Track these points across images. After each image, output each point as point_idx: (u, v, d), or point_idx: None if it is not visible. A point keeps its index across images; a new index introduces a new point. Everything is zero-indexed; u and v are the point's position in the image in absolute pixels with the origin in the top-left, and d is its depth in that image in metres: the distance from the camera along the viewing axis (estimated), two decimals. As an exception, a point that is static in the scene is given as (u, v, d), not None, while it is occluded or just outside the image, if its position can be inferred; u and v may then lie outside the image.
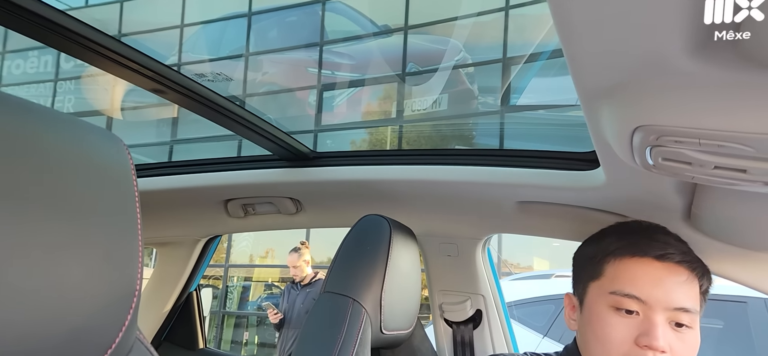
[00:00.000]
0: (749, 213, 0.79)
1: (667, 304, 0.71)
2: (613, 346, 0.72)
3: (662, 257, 0.73)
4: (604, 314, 0.74)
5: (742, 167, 0.56)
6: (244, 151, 1.66)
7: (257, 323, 8.02)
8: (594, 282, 0.77)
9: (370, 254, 0.94)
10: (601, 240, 0.81)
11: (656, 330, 0.69)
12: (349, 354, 0.83)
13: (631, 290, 0.72)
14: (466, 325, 1.33)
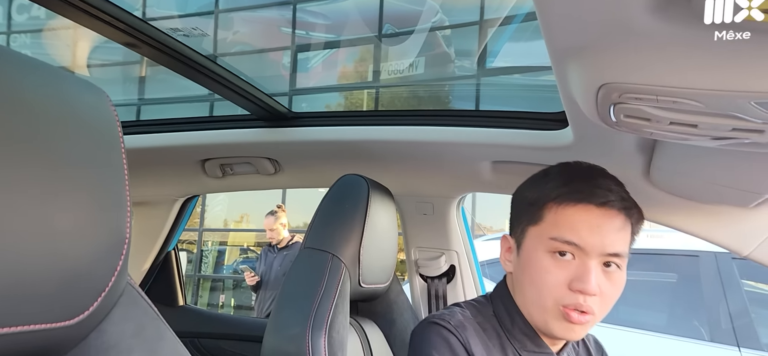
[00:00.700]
0: (701, 169, 0.85)
1: (603, 250, 0.71)
2: (546, 290, 0.72)
3: (603, 204, 0.72)
4: (542, 258, 0.73)
5: (693, 123, 0.60)
6: (217, 111, 1.65)
7: (233, 286, 8.05)
8: (533, 227, 0.76)
9: (349, 212, 0.97)
10: (544, 184, 0.78)
11: (590, 275, 0.70)
12: (329, 306, 0.87)
13: (570, 237, 0.71)
14: (440, 280, 1.39)
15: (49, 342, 0.38)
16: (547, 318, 0.73)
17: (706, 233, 1.00)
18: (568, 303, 0.71)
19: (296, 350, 0.82)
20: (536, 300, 0.74)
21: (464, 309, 0.80)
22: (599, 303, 0.71)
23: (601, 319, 0.74)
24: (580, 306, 0.70)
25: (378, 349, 1.05)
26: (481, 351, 0.74)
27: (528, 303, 0.76)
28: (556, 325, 0.73)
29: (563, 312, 0.71)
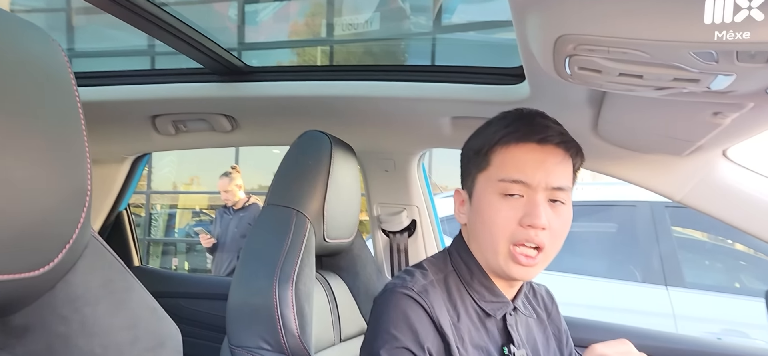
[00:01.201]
0: (643, 121, 0.91)
1: (547, 184, 0.74)
2: (499, 229, 0.75)
3: (543, 140, 0.75)
4: (492, 201, 0.76)
5: (639, 73, 0.65)
6: (160, 65, 1.54)
7: (186, 249, 7.87)
8: (482, 173, 0.79)
9: (312, 168, 0.98)
10: (487, 131, 0.80)
11: (538, 209, 0.73)
12: (296, 260, 0.88)
13: (517, 175, 0.74)
14: (402, 234, 1.43)
15: (13, 292, 0.37)
16: (500, 259, 0.76)
17: (645, 181, 1.08)
18: (520, 239, 0.74)
19: (263, 302, 0.84)
20: (490, 241, 0.77)
21: (425, 270, 0.81)
22: (549, 238, 0.75)
23: (551, 259, 0.78)
24: (531, 240, 0.73)
25: (343, 301, 1.08)
26: (444, 312, 0.76)
27: (483, 247, 0.79)
28: (509, 268, 0.76)
29: (514, 254, 0.74)
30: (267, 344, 0.83)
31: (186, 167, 8.30)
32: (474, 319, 0.79)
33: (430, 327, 0.74)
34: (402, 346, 0.71)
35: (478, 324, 0.79)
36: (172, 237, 8.14)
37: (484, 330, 0.79)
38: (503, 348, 0.79)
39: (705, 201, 1.01)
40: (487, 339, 0.79)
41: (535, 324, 0.88)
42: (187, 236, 7.77)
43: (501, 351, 0.79)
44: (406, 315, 0.74)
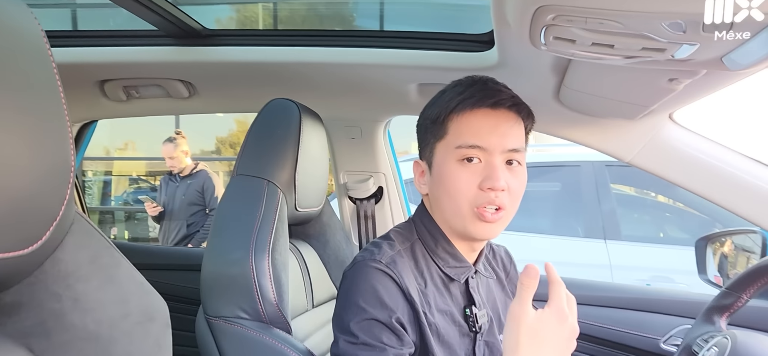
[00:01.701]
0: (602, 88, 0.96)
1: (503, 147, 0.76)
2: (460, 195, 0.76)
3: (495, 104, 0.77)
4: (452, 169, 0.77)
5: (611, 43, 0.68)
6: (83, 25, 1.41)
7: (125, 218, 7.50)
8: (440, 142, 0.80)
9: (282, 138, 0.96)
10: (442, 100, 0.82)
11: (496, 172, 0.75)
12: (270, 230, 0.87)
13: (473, 140, 0.76)
14: (369, 201, 1.44)
15: (2, 270, 0.37)
16: (465, 222, 0.78)
17: (599, 144, 1.15)
18: (481, 202, 0.76)
19: (240, 272, 0.83)
20: (453, 207, 0.79)
21: (392, 240, 0.83)
22: (508, 198, 0.77)
23: (511, 218, 0.81)
24: (492, 203, 0.76)
25: (314, 269, 1.08)
26: (412, 280, 0.78)
27: (446, 214, 0.81)
28: (474, 227, 0.78)
29: (478, 212, 0.76)
30: (245, 313, 0.83)
31: (119, 131, 7.80)
32: (439, 285, 0.82)
33: (400, 296, 0.76)
34: (371, 318, 0.73)
35: (442, 288, 0.82)
36: (109, 206, 7.70)
37: (448, 294, 0.83)
38: (465, 309, 0.83)
39: (652, 162, 1.10)
40: (451, 302, 0.82)
41: (495, 284, 0.93)
42: (126, 204, 7.40)
43: (464, 312, 0.83)
44: (375, 287, 0.75)
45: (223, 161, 8.14)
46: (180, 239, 3.34)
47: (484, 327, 0.83)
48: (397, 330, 0.73)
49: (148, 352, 0.52)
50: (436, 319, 0.79)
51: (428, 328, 0.77)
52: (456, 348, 0.80)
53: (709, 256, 1.32)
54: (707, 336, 0.87)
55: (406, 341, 0.74)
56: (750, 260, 1.23)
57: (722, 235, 1.34)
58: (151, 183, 7.56)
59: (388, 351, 0.71)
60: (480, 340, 0.83)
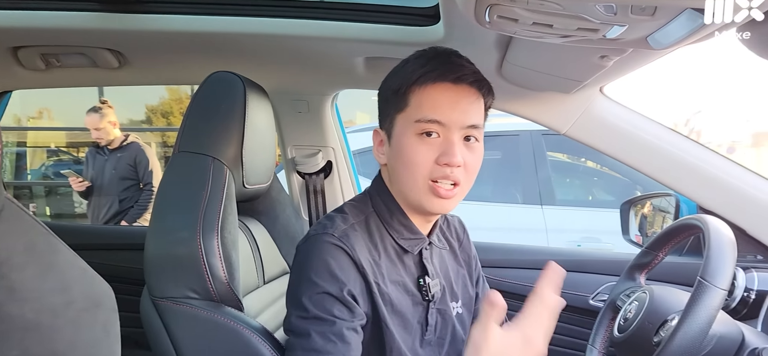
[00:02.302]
0: (542, 64, 1.01)
1: (462, 123, 0.77)
2: (418, 169, 0.77)
3: (458, 79, 0.77)
4: (411, 141, 0.77)
5: (550, 23, 0.72)
6: None
7: (46, 193, 6.95)
8: (400, 114, 0.80)
9: (226, 113, 0.92)
10: (404, 71, 0.81)
11: (454, 148, 0.76)
12: (218, 208, 0.85)
13: (433, 115, 0.76)
14: (318, 175, 1.43)
15: None
16: (421, 195, 0.79)
17: (538, 116, 1.21)
18: (437, 176, 0.77)
19: (187, 252, 0.81)
20: (410, 179, 0.80)
21: (345, 214, 0.83)
22: (464, 174, 0.79)
23: (466, 193, 0.83)
24: (448, 178, 0.77)
25: (264, 245, 1.07)
26: (365, 252, 0.79)
27: (403, 186, 0.82)
28: (429, 201, 0.79)
29: (433, 187, 0.78)
30: (194, 293, 0.82)
31: (32, 98, 7.12)
32: (392, 256, 0.84)
33: (352, 269, 0.77)
34: (323, 291, 0.74)
35: (396, 260, 0.84)
36: (25, 180, 7.09)
37: (402, 265, 0.85)
38: (419, 279, 0.85)
39: (585, 133, 1.17)
40: (404, 273, 0.84)
41: (448, 254, 0.95)
42: (45, 178, 6.86)
43: (417, 282, 0.85)
44: (327, 260, 0.75)
45: (155, 131, 7.70)
46: (112, 216, 3.16)
47: (436, 295, 0.86)
48: (348, 303, 0.75)
49: (95, 339, 0.51)
50: (389, 289, 0.81)
51: (381, 299, 0.79)
52: (409, 317, 0.83)
53: (632, 218, 1.45)
54: (629, 292, 0.96)
55: (357, 313, 0.76)
56: (665, 219, 1.36)
57: (643, 198, 1.47)
58: (74, 156, 7.04)
59: (339, 324, 0.73)
60: (433, 308, 0.86)
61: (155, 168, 3.23)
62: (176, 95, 7.75)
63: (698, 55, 24.43)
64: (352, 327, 0.74)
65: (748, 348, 0.76)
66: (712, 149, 1.16)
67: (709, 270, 0.72)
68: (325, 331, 0.72)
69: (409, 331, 0.83)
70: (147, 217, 3.19)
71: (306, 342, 0.72)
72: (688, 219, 0.89)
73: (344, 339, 0.73)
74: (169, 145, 7.54)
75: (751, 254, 1.13)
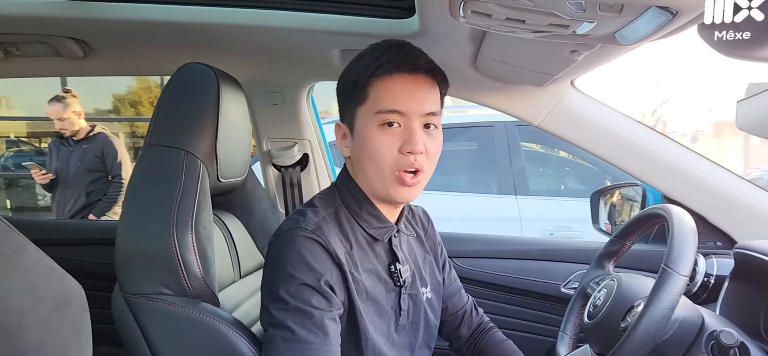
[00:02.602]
0: (515, 58, 1.03)
1: (421, 112, 0.80)
2: (382, 158, 0.79)
3: (413, 70, 0.80)
4: (373, 133, 0.80)
5: (522, 19, 0.73)
6: None
7: (6, 185, 6.68)
8: (361, 107, 0.81)
9: (199, 105, 0.91)
10: (361, 64, 0.83)
11: (415, 136, 0.79)
12: (192, 203, 0.84)
13: (393, 105, 0.78)
14: (294, 168, 1.41)
15: None
16: (387, 185, 0.81)
17: (512, 109, 1.23)
18: (402, 165, 0.80)
19: (161, 248, 0.79)
20: (375, 171, 0.82)
21: (316, 207, 0.84)
22: (426, 161, 0.82)
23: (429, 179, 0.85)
24: (411, 166, 0.80)
25: (240, 239, 1.06)
26: (338, 243, 0.81)
27: (369, 177, 0.83)
28: (395, 191, 0.82)
29: (399, 177, 0.80)
30: (168, 289, 0.80)
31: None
32: (364, 245, 0.86)
33: (327, 260, 0.78)
34: (300, 283, 0.75)
35: (367, 249, 0.86)
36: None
37: (373, 253, 0.87)
38: (390, 266, 0.88)
39: (557, 125, 1.20)
40: (376, 261, 0.86)
41: (415, 241, 0.98)
42: (5, 169, 6.59)
43: (388, 269, 0.88)
44: (302, 253, 0.76)
45: (123, 122, 7.46)
46: (79, 209, 3.06)
47: (407, 281, 0.89)
48: (326, 293, 0.76)
49: (64, 339, 0.50)
50: (363, 278, 0.82)
51: (355, 288, 0.80)
52: (383, 303, 0.85)
53: (601, 207, 1.49)
54: (598, 279, 1.00)
55: (334, 302, 0.77)
56: (633, 208, 1.41)
57: (612, 188, 1.52)
58: (36, 146, 6.77)
59: (319, 315, 0.74)
60: (404, 294, 0.89)
61: (124, 160, 3.14)
62: (145, 84, 7.53)
63: (664, 46, 25.02)
64: (331, 317, 0.76)
65: (707, 331, 0.80)
66: (675, 139, 1.21)
67: (672, 257, 0.75)
68: (305, 322, 0.73)
69: (384, 317, 0.85)
70: (117, 210, 3.10)
71: (286, 334, 0.73)
72: (653, 209, 0.93)
73: (324, 328, 0.74)
74: (138, 136, 7.33)
75: (711, 241, 1.18)
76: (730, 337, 0.77)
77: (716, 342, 0.78)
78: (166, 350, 0.79)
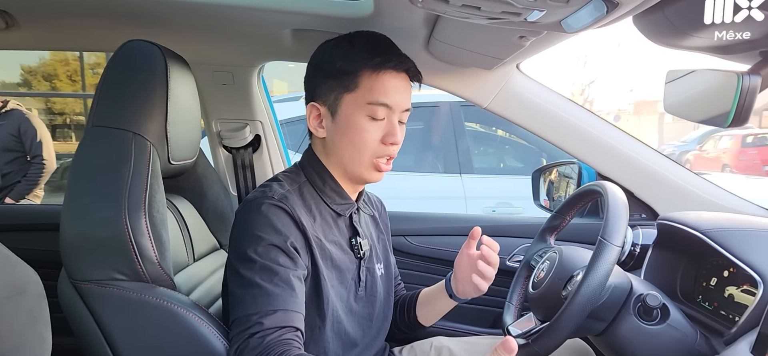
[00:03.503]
0: (466, 41, 1.06)
1: (404, 107, 0.90)
2: (365, 146, 0.87)
3: (402, 69, 0.89)
4: (360, 121, 0.86)
5: (478, 5, 0.76)
6: None
7: None
8: (349, 94, 0.87)
9: (147, 85, 0.87)
10: (355, 54, 0.88)
11: (396, 129, 0.88)
12: (144, 186, 0.81)
13: (385, 99, 0.86)
14: (246, 150, 1.39)
15: None
16: (362, 170, 0.90)
17: (462, 91, 1.27)
18: (382, 154, 0.89)
19: (112, 233, 0.76)
20: (356, 156, 0.88)
21: (281, 181, 0.89)
22: (397, 150, 0.91)
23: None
24: (390, 154, 0.89)
25: (192, 222, 1.04)
26: (305, 214, 0.85)
27: (346, 160, 0.90)
28: (370, 174, 0.90)
29: (375, 163, 0.88)
30: (122, 275, 0.78)
31: None
32: (328, 219, 0.91)
33: (293, 226, 0.82)
34: (268, 243, 0.79)
35: (331, 223, 0.91)
36: None
37: (336, 227, 0.92)
38: (351, 239, 0.94)
39: (504, 107, 1.26)
40: (338, 235, 0.92)
41: (371, 220, 1.06)
42: None
43: (349, 242, 0.94)
44: (269, 218, 0.80)
45: (37, 97, 6.86)
46: (-7, 192, 2.83)
47: (366, 254, 0.95)
48: (291, 254, 0.80)
49: (21, 327, 0.48)
50: (328, 247, 0.88)
51: (320, 254, 0.85)
52: (346, 272, 0.91)
53: (541, 184, 1.59)
54: (541, 252, 1.07)
55: (299, 264, 0.81)
56: (569, 185, 1.51)
57: (550, 166, 1.62)
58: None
59: (285, 272, 0.78)
60: (364, 266, 0.95)
61: (45, 139, 2.92)
62: (61, 56, 6.90)
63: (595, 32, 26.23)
64: (297, 276, 0.80)
65: (635, 295, 0.89)
66: (605, 119, 1.31)
67: (607, 230, 0.82)
68: (272, 278, 0.77)
69: (345, 285, 0.91)
70: (38, 193, 2.90)
71: (255, 291, 0.76)
72: (590, 186, 1.01)
73: (290, 284, 0.78)
74: (54, 112, 6.76)
75: (637, 214, 1.30)
76: (654, 299, 0.87)
77: (642, 304, 0.87)
78: (123, 337, 0.76)
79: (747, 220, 0.97)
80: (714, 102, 0.65)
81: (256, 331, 0.73)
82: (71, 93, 7.90)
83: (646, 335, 0.87)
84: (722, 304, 0.94)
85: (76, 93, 8.07)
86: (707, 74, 0.68)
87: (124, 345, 0.77)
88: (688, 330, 0.87)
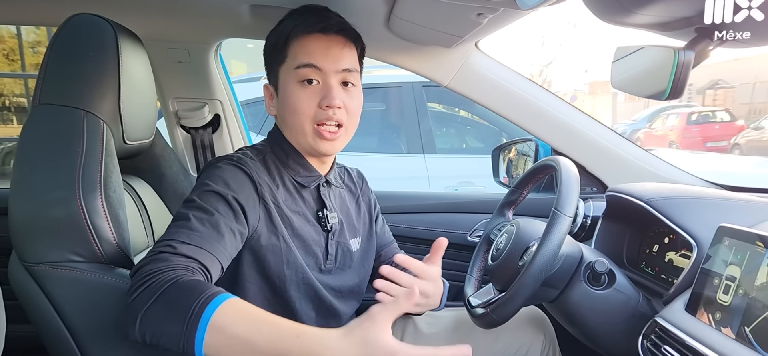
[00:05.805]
0: (425, 19, 1.08)
1: (336, 68, 0.87)
2: (302, 113, 0.87)
3: (325, 29, 0.88)
4: (294, 89, 0.87)
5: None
6: None
7: None
8: (282, 66, 0.89)
9: (97, 61, 0.84)
10: (282, 27, 0.90)
11: (332, 92, 0.86)
12: (98, 166, 0.78)
13: (308, 60, 0.86)
14: (205, 130, 1.36)
15: None
16: (308, 139, 0.88)
17: (422, 69, 1.29)
18: (322, 119, 0.87)
19: (66, 214, 0.74)
20: (297, 125, 0.88)
21: (245, 151, 0.90)
22: (346, 116, 0.89)
23: (352, 134, 0.93)
24: (331, 119, 0.87)
25: (151, 204, 1.01)
26: (264, 180, 0.86)
27: (293, 131, 0.90)
28: (317, 143, 0.89)
29: (318, 130, 0.87)
30: (78, 256, 0.76)
31: None
32: (291, 190, 0.91)
33: (248, 185, 0.83)
34: (211, 190, 0.78)
35: (294, 194, 0.92)
36: None
37: (300, 198, 0.93)
38: (318, 212, 0.94)
39: (464, 85, 1.29)
40: (303, 206, 0.93)
41: (349, 196, 1.06)
42: None
43: (316, 215, 0.94)
44: (223, 174, 0.81)
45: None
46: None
47: (334, 227, 0.95)
48: (233, 206, 0.79)
49: None
50: (289, 214, 0.88)
51: (280, 219, 0.86)
52: (311, 243, 0.91)
53: (500, 162, 1.64)
54: (500, 226, 1.11)
55: (241, 220, 0.79)
56: (527, 162, 1.57)
57: (509, 144, 1.67)
58: None
59: (217, 217, 0.75)
60: (332, 239, 0.95)
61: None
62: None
63: (551, 12, 26.99)
64: (231, 227, 0.77)
65: (585, 262, 0.95)
66: (560, 97, 1.36)
67: (560, 201, 0.87)
68: (202, 217, 0.75)
69: (310, 254, 0.91)
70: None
71: (181, 223, 0.73)
72: (544, 161, 1.05)
73: (219, 230, 0.75)
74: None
75: (589, 187, 1.37)
76: (601, 265, 0.92)
77: (591, 270, 0.93)
78: (82, 320, 0.75)
79: (686, 189, 1.04)
80: (655, 77, 0.69)
81: (165, 250, 0.68)
82: (9, 73, 7.42)
83: (594, 299, 0.92)
84: (663, 268, 1.01)
85: (15, 73, 7.58)
86: (650, 51, 0.72)
87: (83, 328, 0.75)
88: (632, 293, 0.93)
